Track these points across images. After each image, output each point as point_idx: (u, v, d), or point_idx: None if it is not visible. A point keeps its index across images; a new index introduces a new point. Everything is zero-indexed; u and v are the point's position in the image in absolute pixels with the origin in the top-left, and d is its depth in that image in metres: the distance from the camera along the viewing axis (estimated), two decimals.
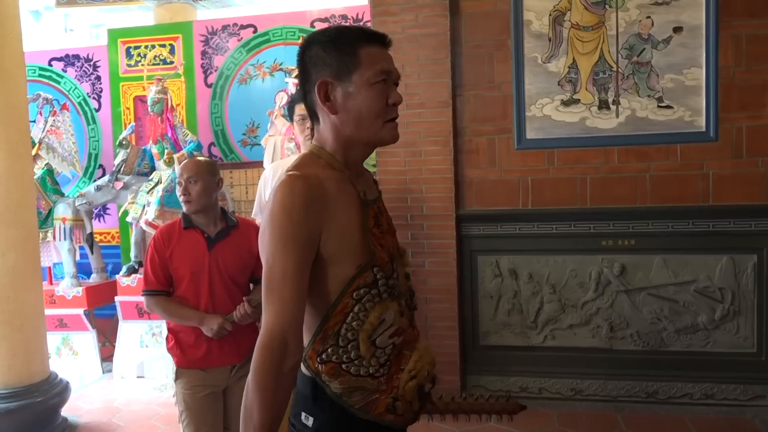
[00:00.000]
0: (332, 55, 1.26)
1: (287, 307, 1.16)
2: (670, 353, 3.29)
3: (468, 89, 3.39)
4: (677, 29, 3.17)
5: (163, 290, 2.44)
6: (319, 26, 5.14)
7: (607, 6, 3.24)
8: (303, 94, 1.34)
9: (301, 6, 5.71)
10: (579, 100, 3.30)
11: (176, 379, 2.52)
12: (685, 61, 3.17)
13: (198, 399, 2.43)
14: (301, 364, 1.27)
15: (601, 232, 3.31)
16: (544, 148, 3.34)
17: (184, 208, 2.44)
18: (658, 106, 3.21)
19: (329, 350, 1.25)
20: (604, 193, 3.29)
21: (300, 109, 2.76)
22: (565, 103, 3.31)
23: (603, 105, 3.27)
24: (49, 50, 5.66)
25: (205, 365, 2.42)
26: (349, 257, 1.23)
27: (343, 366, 1.25)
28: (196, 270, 2.39)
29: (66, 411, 4.07)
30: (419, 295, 3.41)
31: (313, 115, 1.33)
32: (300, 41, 4.71)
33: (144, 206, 4.66)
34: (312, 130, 2.90)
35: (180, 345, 2.47)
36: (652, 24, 3.19)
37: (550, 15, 3.29)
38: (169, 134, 4.84)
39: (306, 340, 1.26)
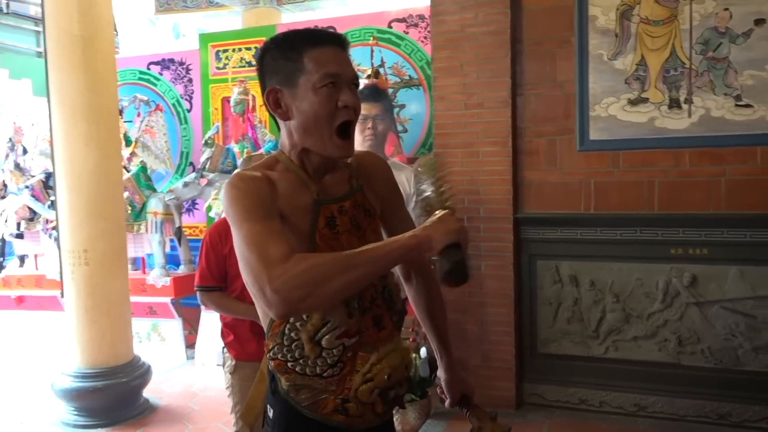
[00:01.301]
0: (279, 62, 1.26)
1: (266, 252, 1.09)
2: (745, 373, 3.03)
3: (528, 88, 3.28)
4: (759, 21, 2.90)
5: (217, 286, 2.54)
6: (396, 27, 5.18)
7: None
8: (264, 103, 1.33)
9: (381, 7, 5.77)
10: (648, 99, 3.11)
11: (232, 372, 2.63)
12: (767, 55, 2.90)
13: None
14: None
15: (670, 239, 3.11)
16: (608, 149, 3.17)
17: None
18: (736, 105, 2.96)
19: (276, 348, 1.28)
20: (673, 197, 3.08)
21: (364, 108, 2.77)
22: (633, 103, 3.13)
23: (674, 104, 3.06)
24: (148, 55, 6.07)
25: (261, 358, 2.51)
26: None
27: (289, 364, 1.27)
28: None
29: (148, 392, 4.36)
30: (474, 299, 3.37)
31: (274, 122, 1.35)
32: (371, 42, 4.79)
33: None
34: (375, 131, 2.87)
35: (238, 339, 2.57)
36: (731, 16, 2.94)
37: (617, 9, 3.12)
38: (250, 134, 5.06)
39: (266, 336, 1.30)
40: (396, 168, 2.88)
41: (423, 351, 3.36)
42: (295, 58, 1.24)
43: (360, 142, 2.82)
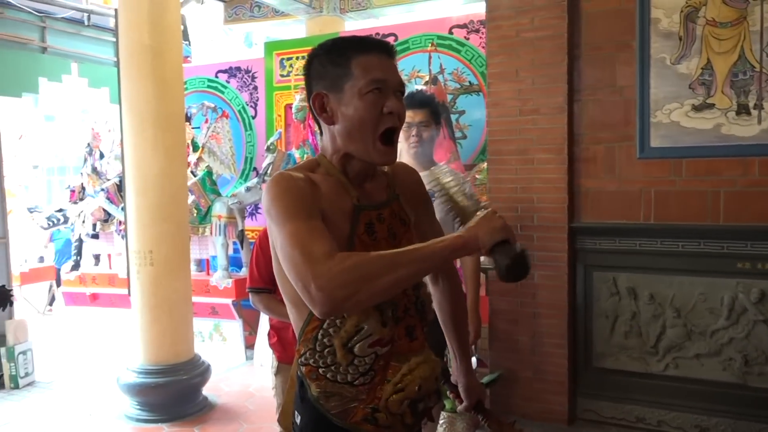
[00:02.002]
0: (327, 68, 1.28)
1: (310, 249, 1.10)
2: None
3: (586, 94, 3.19)
4: None
5: (266, 288, 2.60)
6: (457, 33, 5.15)
7: None
8: (308, 107, 1.38)
9: (443, 13, 5.75)
10: (713, 104, 2.95)
11: (276, 373, 2.68)
12: None
13: None
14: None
15: (736, 252, 2.94)
16: (670, 157, 3.04)
17: None
18: None
19: (308, 353, 1.28)
20: (741, 208, 2.91)
21: (408, 116, 2.75)
22: (697, 108, 2.98)
23: (742, 110, 2.90)
24: (216, 63, 6.28)
25: None
26: None
27: (320, 370, 1.27)
28: None
29: (207, 390, 4.49)
30: (526, 309, 3.30)
31: (318, 126, 1.37)
32: (429, 48, 4.78)
33: None
34: (419, 138, 2.87)
35: (282, 341, 2.61)
36: None
37: (681, 12, 2.99)
38: (310, 140, 5.15)
39: (298, 341, 1.31)
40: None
41: (474, 361, 3.31)
42: (342, 64, 1.26)
43: (405, 149, 2.80)
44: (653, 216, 3.09)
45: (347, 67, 1.26)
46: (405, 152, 2.84)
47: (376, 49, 1.28)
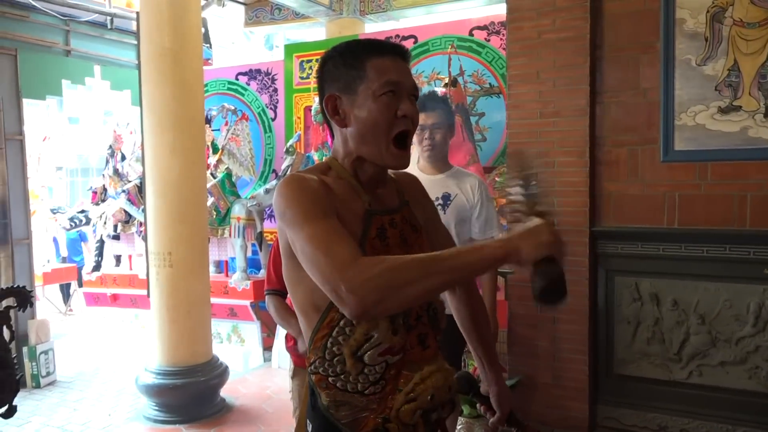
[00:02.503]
0: (341, 70, 1.28)
1: (334, 250, 1.09)
2: None
3: (609, 96, 3.13)
4: None
5: (279, 290, 2.59)
6: (478, 34, 5.11)
7: None
8: (321, 110, 1.35)
9: (463, 15, 5.71)
10: (740, 107, 2.88)
11: (293, 376, 2.67)
12: None
13: None
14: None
15: (763, 258, 2.86)
16: (695, 160, 2.97)
17: None
18: None
19: (317, 362, 1.26)
20: None
21: (420, 118, 2.73)
22: (723, 111, 2.92)
23: None
24: (237, 66, 6.31)
25: None
26: None
27: (330, 379, 1.25)
28: None
29: (225, 392, 4.51)
30: (546, 314, 3.25)
31: (329, 128, 1.37)
32: (449, 50, 4.74)
33: None
34: (432, 140, 2.84)
35: (298, 344, 2.60)
36: None
37: (707, 12, 2.92)
38: (329, 143, 5.14)
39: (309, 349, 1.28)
40: (460, 176, 2.82)
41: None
42: (357, 66, 1.25)
43: (419, 153, 2.77)
44: (677, 220, 3.02)
45: (361, 69, 1.25)
46: (420, 156, 2.81)
47: (391, 52, 1.28)
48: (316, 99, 5.20)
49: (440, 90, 4.44)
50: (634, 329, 3.16)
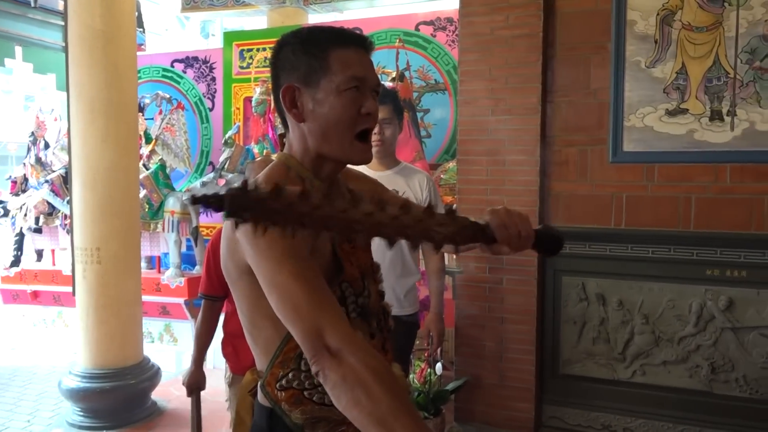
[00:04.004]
0: (301, 59, 1.16)
1: (312, 314, 0.99)
2: None
3: (560, 95, 3.12)
4: None
5: (212, 295, 2.42)
6: (424, 29, 5.06)
7: (726, 4, 2.84)
8: (274, 100, 1.24)
9: (409, 9, 5.65)
10: (687, 109, 2.93)
11: (230, 383, 2.52)
12: None
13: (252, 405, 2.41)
14: (258, 392, 1.17)
15: (705, 259, 2.92)
16: (642, 162, 3.00)
17: None
18: None
19: (290, 375, 1.13)
20: (711, 215, 2.90)
21: None
22: (671, 113, 2.95)
23: (715, 116, 2.88)
24: (173, 52, 6.03)
25: None
26: None
27: (305, 393, 1.14)
28: None
29: (156, 395, 4.28)
30: (494, 314, 3.22)
31: (283, 122, 1.25)
32: (396, 44, 4.67)
33: None
34: (382, 135, 2.76)
35: (235, 351, 2.46)
36: None
37: (657, 14, 2.95)
38: (270, 135, 4.97)
39: (263, 364, 1.16)
40: (408, 172, 2.75)
41: (438, 366, 3.21)
42: (318, 56, 1.15)
43: None
44: (624, 221, 3.05)
45: (323, 60, 1.14)
46: None
47: (355, 44, 1.18)
48: (257, 89, 5.02)
49: (388, 84, 4.36)
50: (580, 329, 3.17)
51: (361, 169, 2.68)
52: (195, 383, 2.49)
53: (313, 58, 1.15)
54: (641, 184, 3.01)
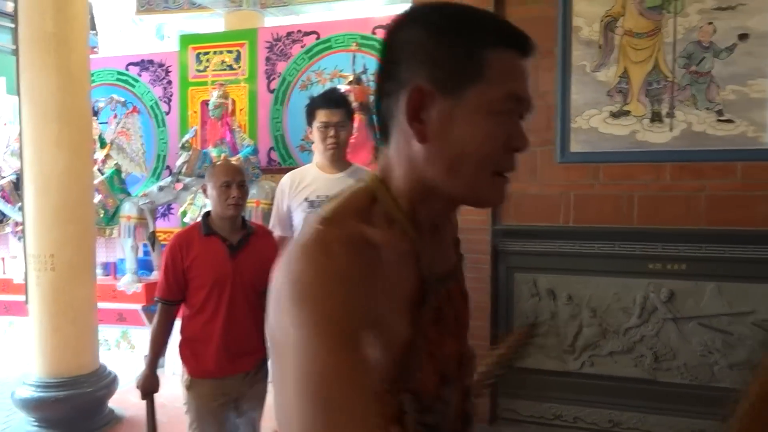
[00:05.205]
0: (442, 49, 0.79)
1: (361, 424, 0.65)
2: (721, 390, 3.00)
3: None
4: (743, 36, 2.89)
5: (168, 300, 2.43)
6: (380, 33, 5.12)
7: (664, 11, 3.00)
8: (377, 95, 0.85)
9: (365, 13, 5.72)
10: (629, 111, 3.08)
11: (188, 387, 2.51)
12: (750, 71, 2.89)
13: (210, 408, 2.42)
14: None
15: (648, 254, 3.07)
16: (588, 162, 3.14)
17: (230, 212, 2.39)
18: (718, 120, 2.94)
19: None
20: (653, 212, 3.05)
21: (325, 115, 2.66)
22: (615, 115, 3.10)
23: (656, 117, 3.04)
24: (128, 55, 5.95)
25: (218, 374, 2.40)
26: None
27: None
28: (218, 279, 2.35)
29: (114, 403, 4.22)
30: None
31: (382, 129, 0.86)
32: (352, 48, 4.73)
33: (201, 207, 4.80)
34: (337, 139, 2.75)
35: (194, 354, 2.45)
36: (714, 31, 2.92)
37: (601, 21, 3.09)
38: (227, 138, 4.97)
39: None
40: (360, 174, 2.79)
41: None
42: (473, 52, 0.78)
43: (321, 151, 2.70)
44: (572, 219, 3.18)
45: (480, 61, 0.78)
46: (320, 155, 2.74)
47: (518, 45, 0.82)
48: (214, 93, 5.00)
49: (343, 87, 4.42)
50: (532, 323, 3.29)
51: (312, 172, 2.74)
52: (149, 386, 2.49)
53: (463, 54, 0.78)
54: (588, 183, 3.15)
